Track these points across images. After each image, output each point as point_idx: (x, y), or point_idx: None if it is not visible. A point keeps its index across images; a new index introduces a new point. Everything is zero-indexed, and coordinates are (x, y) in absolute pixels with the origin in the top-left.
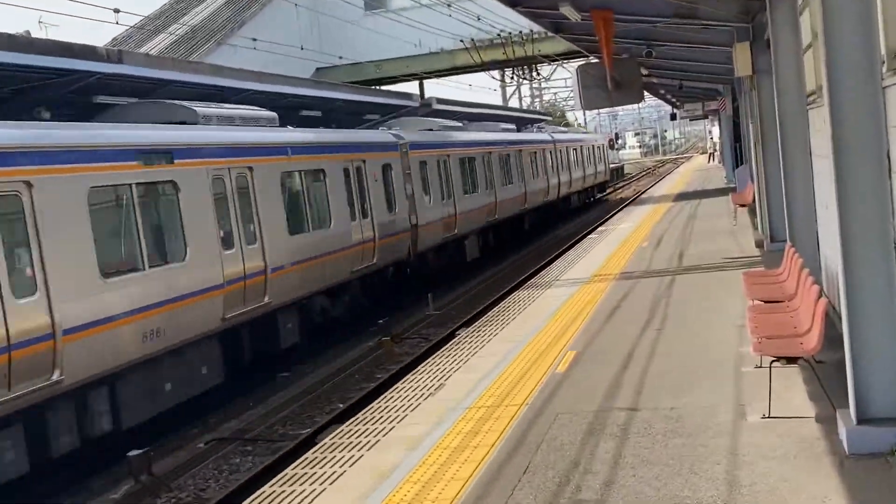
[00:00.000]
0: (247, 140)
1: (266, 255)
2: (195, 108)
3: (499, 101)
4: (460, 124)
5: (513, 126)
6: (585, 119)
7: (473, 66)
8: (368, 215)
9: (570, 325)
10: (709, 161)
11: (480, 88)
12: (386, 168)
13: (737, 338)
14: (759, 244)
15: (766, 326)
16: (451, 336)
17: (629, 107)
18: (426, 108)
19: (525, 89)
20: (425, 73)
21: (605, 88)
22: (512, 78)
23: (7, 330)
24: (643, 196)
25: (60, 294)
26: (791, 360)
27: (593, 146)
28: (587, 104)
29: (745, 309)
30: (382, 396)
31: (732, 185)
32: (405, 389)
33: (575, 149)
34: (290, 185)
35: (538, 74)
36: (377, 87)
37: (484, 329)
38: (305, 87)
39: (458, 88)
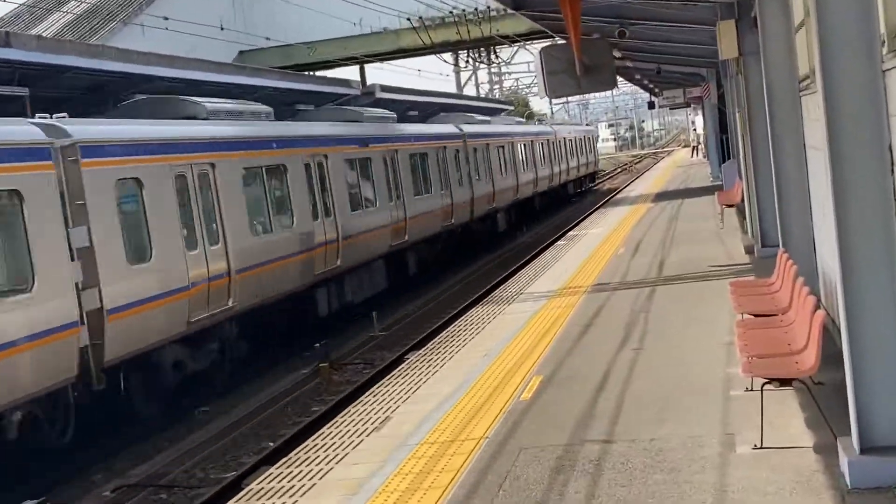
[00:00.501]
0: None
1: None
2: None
3: (452, 89)
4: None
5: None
6: (552, 108)
7: (422, 49)
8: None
9: (536, 345)
10: (692, 155)
11: (431, 75)
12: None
13: (724, 357)
14: (748, 250)
15: (757, 344)
16: (400, 360)
17: (601, 94)
18: (368, 96)
19: (483, 75)
20: (366, 56)
21: (573, 73)
22: (467, 62)
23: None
24: (619, 196)
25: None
26: (785, 383)
27: (565, 139)
28: (552, 91)
29: (734, 324)
30: (319, 433)
31: (718, 183)
32: (345, 424)
33: (544, 142)
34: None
35: (497, 58)
36: (311, 73)
37: (437, 352)
38: (226, 74)
39: (405, 74)
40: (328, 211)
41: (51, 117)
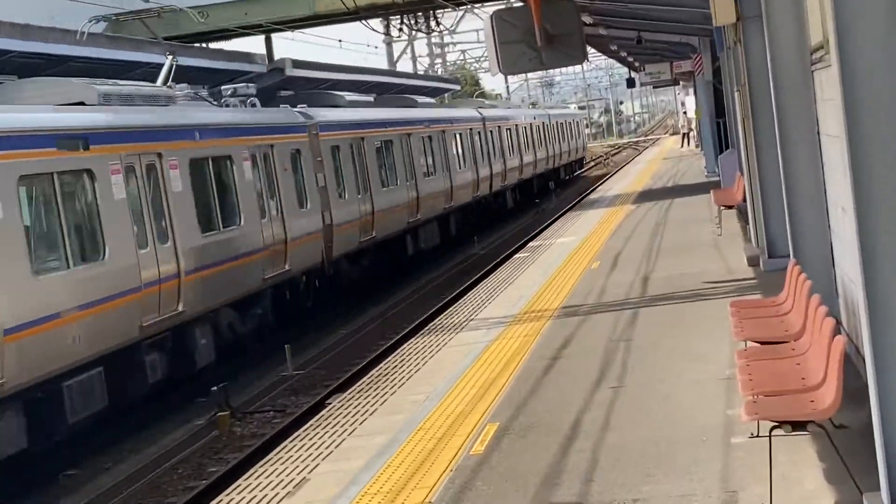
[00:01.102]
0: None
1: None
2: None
3: (383, 64)
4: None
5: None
6: (508, 88)
7: (343, 14)
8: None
9: (491, 384)
10: (682, 145)
11: (355, 47)
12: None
13: (724, 396)
14: (752, 261)
15: (764, 378)
16: (320, 406)
17: (568, 70)
18: (276, 73)
19: (421, 47)
20: (273, 23)
21: (532, 44)
22: (401, 31)
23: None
24: (592, 196)
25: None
26: (799, 426)
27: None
28: (507, 66)
29: (735, 354)
30: (217, 501)
31: (715, 179)
32: (250, 488)
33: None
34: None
35: (438, 25)
36: (203, 46)
37: (367, 395)
38: (95, 47)
39: (322, 47)
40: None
41: (295, 107)
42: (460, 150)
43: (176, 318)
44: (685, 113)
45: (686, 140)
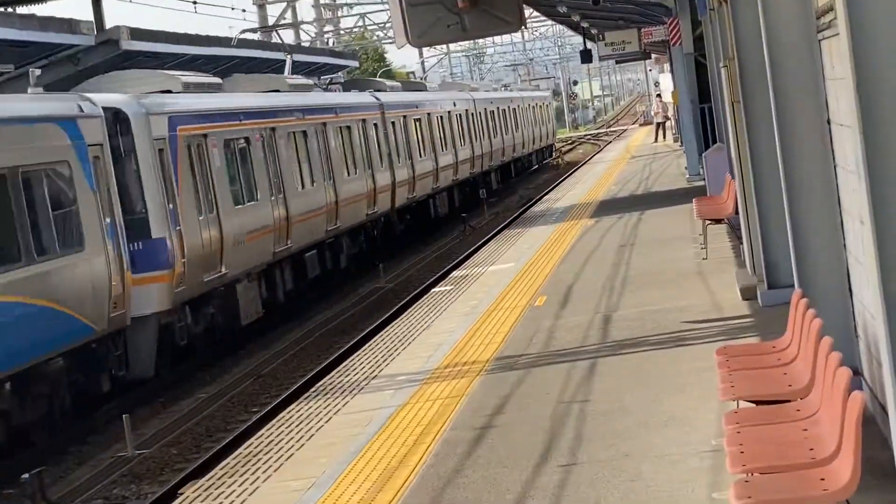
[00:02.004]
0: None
1: None
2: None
3: (254, 34)
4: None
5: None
6: (423, 64)
7: None
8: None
9: (400, 465)
10: (657, 138)
11: (218, 10)
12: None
13: (708, 474)
14: (746, 293)
15: (760, 450)
16: (170, 497)
17: (503, 39)
18: (109, 47)
19: (305, 10)
20: None
21: (451, 5)
22: None
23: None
24: (537, 208)
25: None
26: None
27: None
28: (417, 35)
29: (723, 418)
30: None
31: (699, 183)
32: None
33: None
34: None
35: None
36: (8, 10)
37: (229, 483)
38: None
39: (173, 11)
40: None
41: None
42: (349, 150)
43: (286, 251)
44: (659, 96)
45: (661, 132)
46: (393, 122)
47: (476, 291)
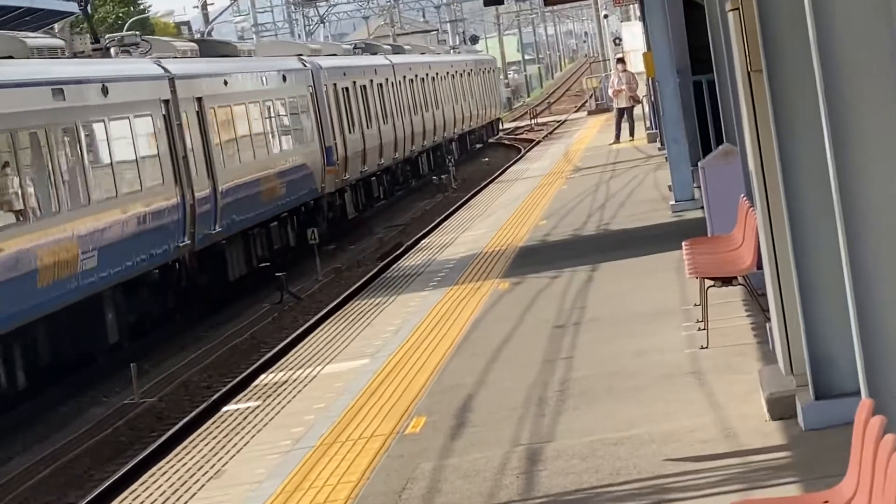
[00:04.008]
0: None
1: None
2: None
3: None
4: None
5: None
6: (207, 13)
7: None
8: None
9: None
10: (619, 135)
11: None
12: None
13: None
14: (777, 407)
15: None
16: None
17: None
18: None
19: None
20: None
21: None
22: None
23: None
24: (408, 260)
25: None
26: None
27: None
28: None
29: None
30: None
31: (693, 215)
32: None
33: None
34: None
35: None
36: None
37: None
38: None
39: None
40: None
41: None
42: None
43: (335, 187)
44: (622, 62)
45: (626, 124)
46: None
47: (300, 410)
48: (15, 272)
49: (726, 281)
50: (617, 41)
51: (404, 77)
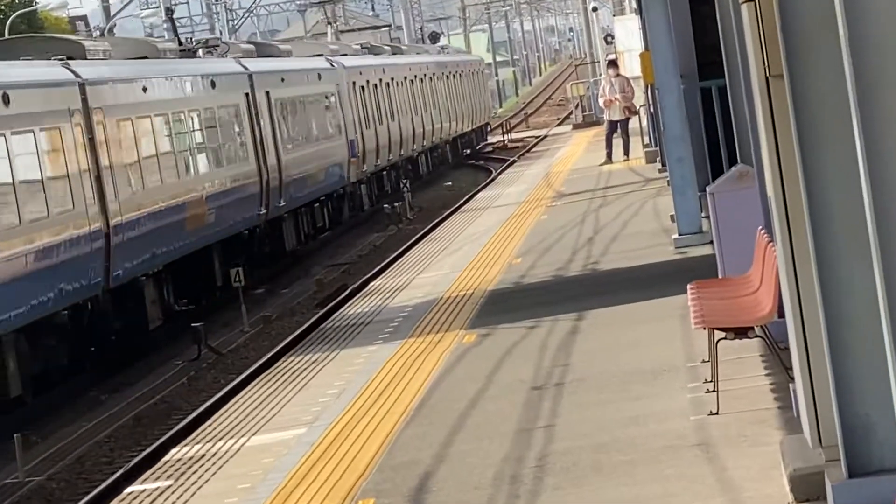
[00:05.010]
0: None
1: None
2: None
3: None
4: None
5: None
6: (108, 6)
7: None
8: None
9: None
10: (611, 153)
11: None
12: None
13: None
14: (803, 486)
15: None
16: None
17: None
18: None
19: None
20: None
21: None
22: None
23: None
24: (352, 307)
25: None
26: None
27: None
28: None
29: None
30: None
31: (701, 251)
32: None
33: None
34: None
35: None
36: None
37: None
38: None
39: None
40: None
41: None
42: None
43: (357, 178)
44: (614, 65)
45: (620, 139)
46: None
47: (219, 492)
48: None
49: (741, 332)
50: (609, 39)
51: (415, 76)
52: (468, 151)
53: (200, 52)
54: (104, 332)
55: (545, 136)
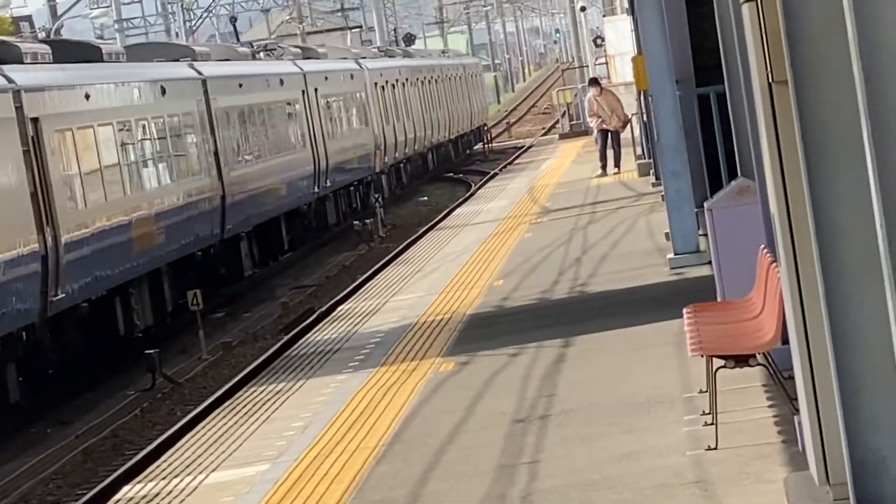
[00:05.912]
0: None
1: None
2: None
3: None
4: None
5: None
6: (55, 4)
7: None
8: None
9: None
10: (605, 166)
11: None
12: None
13: None
14: None
15: None
16: None
17: None
18: None
19: None
20: None
21: None
22: None
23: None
24: (323, 333)
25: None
26: None
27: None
28: None
29: None
30: None
31: (697, 270)
32: None
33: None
34: None
35: None
36: None
37: None
38: None
39: None
40: None
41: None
42: None
43: (380, 168)
44: (594, 82)
45: (612, 151)
46: None
47: None
48: None
49: (741, 360)
50: (598, 41)
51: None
52: (468, 151)
53: (262, 54)
54: (43, 363)
55: (529, 147)
